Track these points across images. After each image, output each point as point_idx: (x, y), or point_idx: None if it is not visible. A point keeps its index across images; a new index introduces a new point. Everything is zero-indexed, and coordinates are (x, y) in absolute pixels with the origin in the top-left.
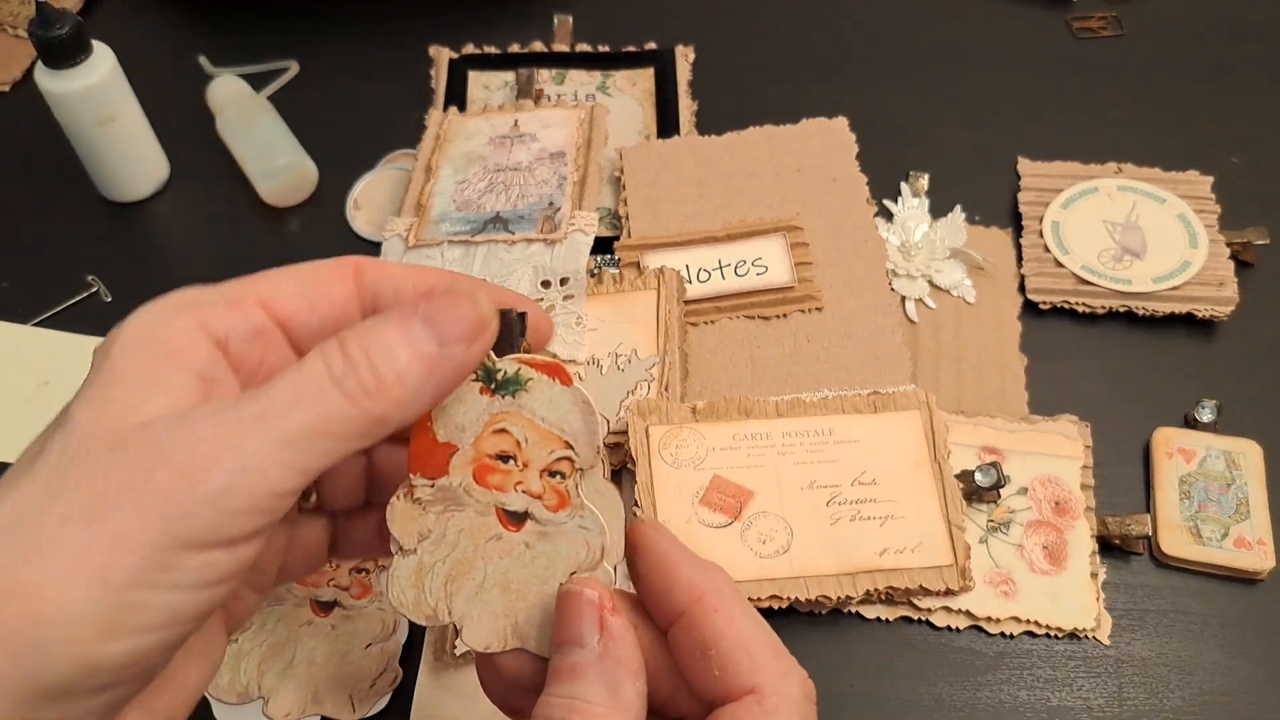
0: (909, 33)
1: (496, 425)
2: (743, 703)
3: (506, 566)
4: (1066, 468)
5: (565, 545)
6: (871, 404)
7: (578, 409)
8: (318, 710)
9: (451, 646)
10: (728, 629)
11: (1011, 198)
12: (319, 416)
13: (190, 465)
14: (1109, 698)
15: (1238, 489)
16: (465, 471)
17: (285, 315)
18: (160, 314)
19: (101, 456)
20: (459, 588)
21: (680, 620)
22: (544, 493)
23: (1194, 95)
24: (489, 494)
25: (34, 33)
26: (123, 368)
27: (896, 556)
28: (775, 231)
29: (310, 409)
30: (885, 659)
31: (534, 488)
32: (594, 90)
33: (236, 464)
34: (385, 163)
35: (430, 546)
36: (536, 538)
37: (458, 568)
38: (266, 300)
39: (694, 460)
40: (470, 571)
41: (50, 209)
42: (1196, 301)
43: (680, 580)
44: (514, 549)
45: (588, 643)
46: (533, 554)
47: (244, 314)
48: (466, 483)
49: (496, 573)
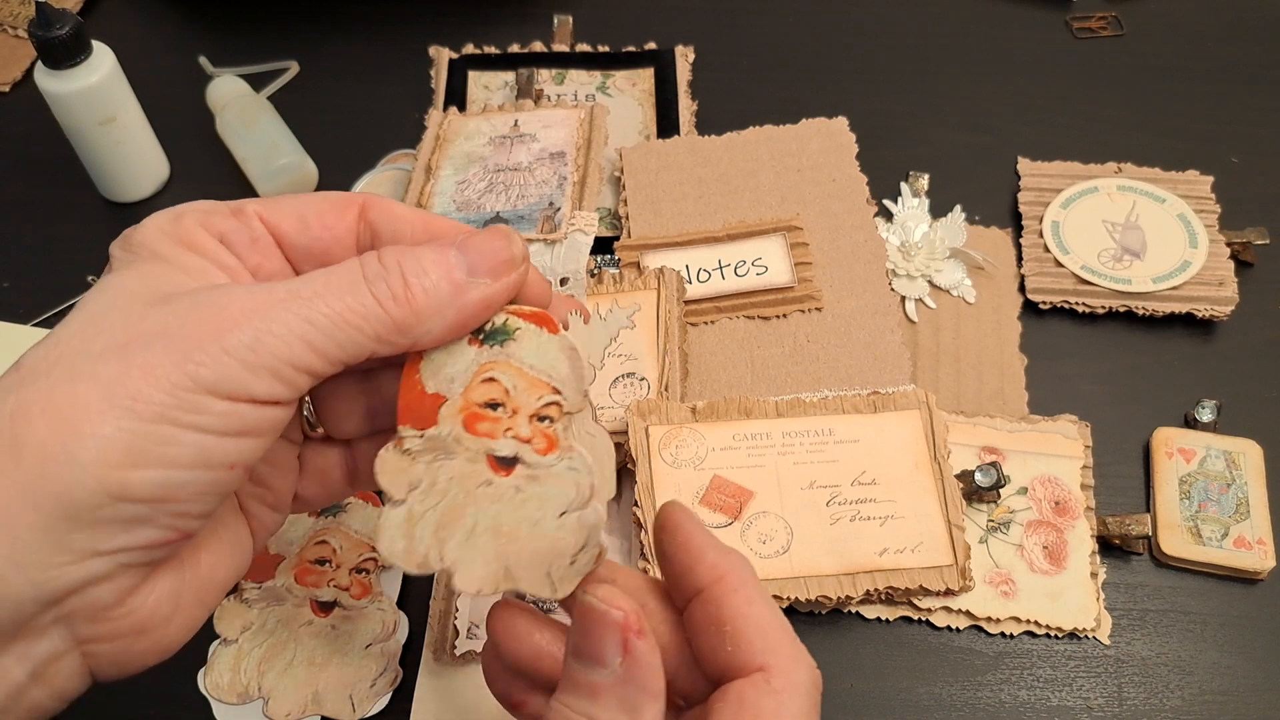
0: (909, 33)
1: (485, 375)
2: (751, 679)
3: (497, 511)
4: (1066, 467)
5: (555, 487)
6: (871, 404)
7: (565, 355)
8: (318, 710)
9: (451, 647)
10: (746, 609)
11: (1011, 198)
12: (346, 307)
13: (220, 319)
14: (1109, 697)
15: (1238, 489)
16: (455, 421)
17: (281, 232)
18: (171, 216)
19: (137, 309)
20: (450, 534)
21: (700, 596)
22: (533, 437)
23: (1194, 95)
24: (479, 441)
25: (34, 33)
26: (150, 253)
27: (896, 556)
28: (775, 231)
29: (339, 299)
30: (885, 659)
31: (523, 432)
32: (594, 90)
33: (264, 326)
34: (385, 163)
35: (420, 496)
36: (527, 481)
37: (448, 515)
38: (264, 215)
39: (694, 460)
40: (461, 518)
41: (51, 209)
42: (1196, 301)
43: (705, 559)
44: (504, 493)
45: (609, 663)
46: (523, 497)
47: (244, 222)
48: (456, 431)
49: (487, 518)
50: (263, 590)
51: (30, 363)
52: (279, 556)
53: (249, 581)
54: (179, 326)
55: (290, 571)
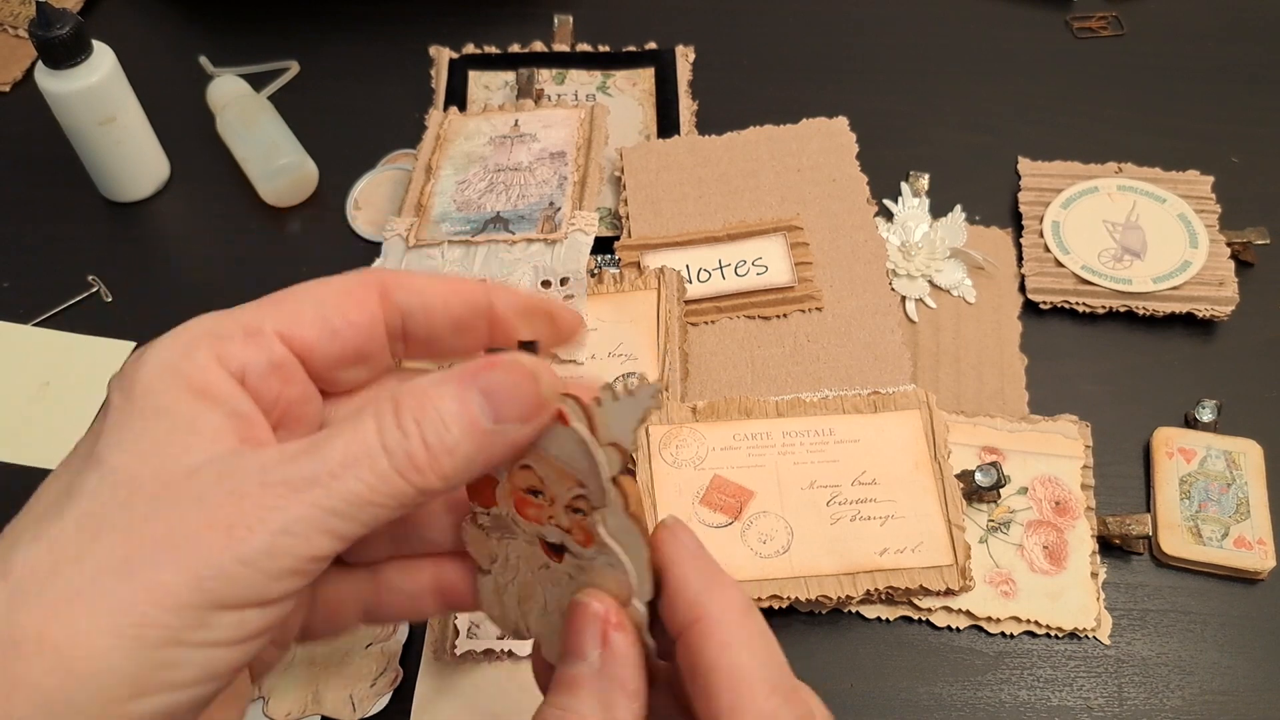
0: (909, 33)
1: (521, 461)
2: None
3: (558, 594)
4: (1066, 467)
5: (600, 580)
6: (872, 404)
7: (578, 448)
8: (318, 710)
9: (452, 646)
10: (719, 659)
11: (1012, 197)
12: (367, 487)
13: (233, 524)
14: (1109, 697)
15: (1238, 489)
16: (508, 503)
17: (304, 346)
18: (180, 349)
19: (140, 507)
20: (529, 608)
21: (680, 638)
22: (571, 528)
23: (1194, 95)
24: (530, 525)
25: (34, 33)
26: (153, 407)
27: (897, 556)
28: (775, 231)
29: (360, 479)
30: (885, 659)
31: (563, 522)
32: (594, 90)
33: (280, 527)
34: (385, 163)
35: (499, 569)
36: (576, 570)
37: (524, 590)
38: (285, 331)
39: (694, 460)
40: (534, 594)
41: (51, 209)
42: (1197, 301)
43: (683, 598)
44: (561, 578)
45: (588, 656)
46: (575, 585)
47: (262, 346)
48: (511, 514)
49: (552, 598)
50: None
51: (22, 573)
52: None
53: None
54: (187, 536)
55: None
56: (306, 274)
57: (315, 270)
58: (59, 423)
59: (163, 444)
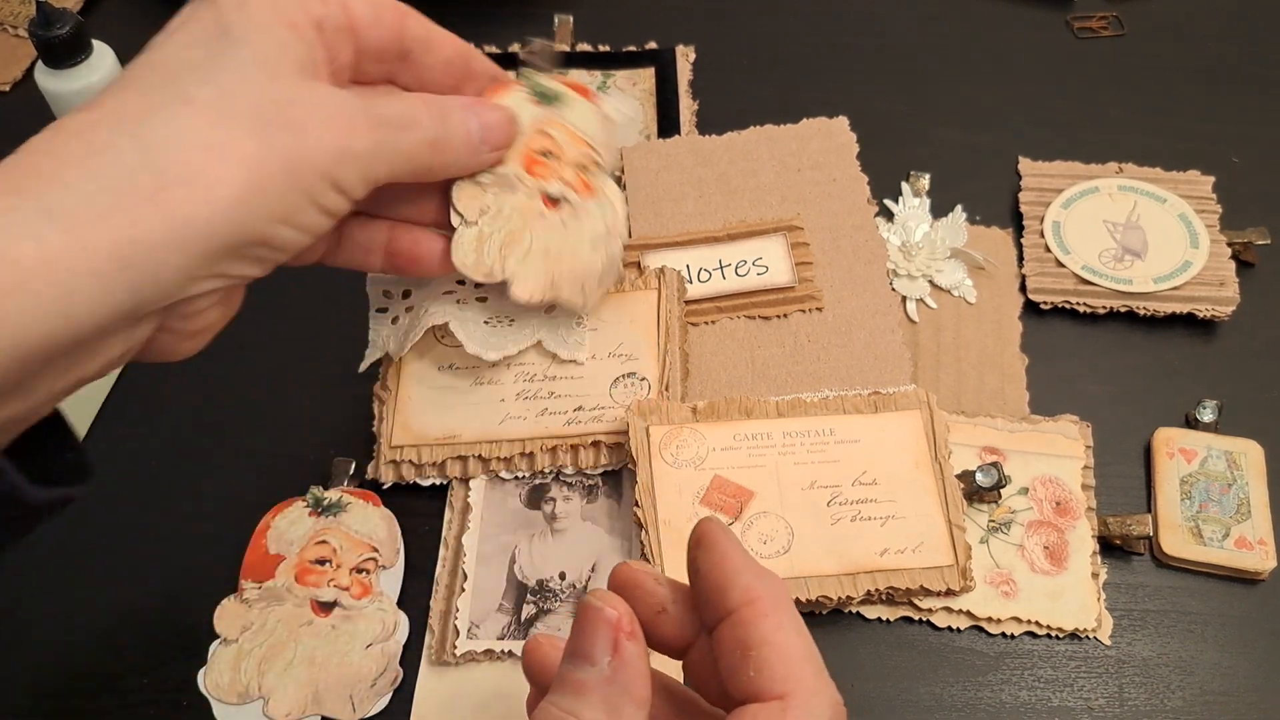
0: (909, 33)
1: (541, 129)
2: (767, 705)
3: (547, 237)
4: (1067, 468)
5: (589, 222)
6: (872, 404)
7: (600, 123)
8: (318, 710)
9: (452, 647)
10: (773, 635)
11: (1012, 198)
12: (414, 144)
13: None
14: (1110, 698)
15: (1239, 489)
16: (517, 162)
17: (356, 21)
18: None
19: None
20: (510, 253)
21: (730, 618)
22: (574, 182)
23: (1195, 95)
24: (535, 181)
25: (34, 32)
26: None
27: (897, 557)
28: (775, 231)
29: (411, 137)
30: (885, 659)
31: (568, 177)
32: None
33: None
34: None
35: (489, 220)
36: (569, 215)
37: (510, 237)
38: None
39: (694, 460)
40: (519, 240)
41: None
42: (1197, 301)
43: (738, 581)
44: (553, 225)
45: (598, 661)
46: (566, 228)
47: (334, 9)
48: (518, 171)
49: (539, 241)
50: (263, 590)
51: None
52: (279, 556)
53: (248, 581)
54: (320, 123)
55: (290, 571)
56: (306, 273)
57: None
58: None
59: (277, 56)
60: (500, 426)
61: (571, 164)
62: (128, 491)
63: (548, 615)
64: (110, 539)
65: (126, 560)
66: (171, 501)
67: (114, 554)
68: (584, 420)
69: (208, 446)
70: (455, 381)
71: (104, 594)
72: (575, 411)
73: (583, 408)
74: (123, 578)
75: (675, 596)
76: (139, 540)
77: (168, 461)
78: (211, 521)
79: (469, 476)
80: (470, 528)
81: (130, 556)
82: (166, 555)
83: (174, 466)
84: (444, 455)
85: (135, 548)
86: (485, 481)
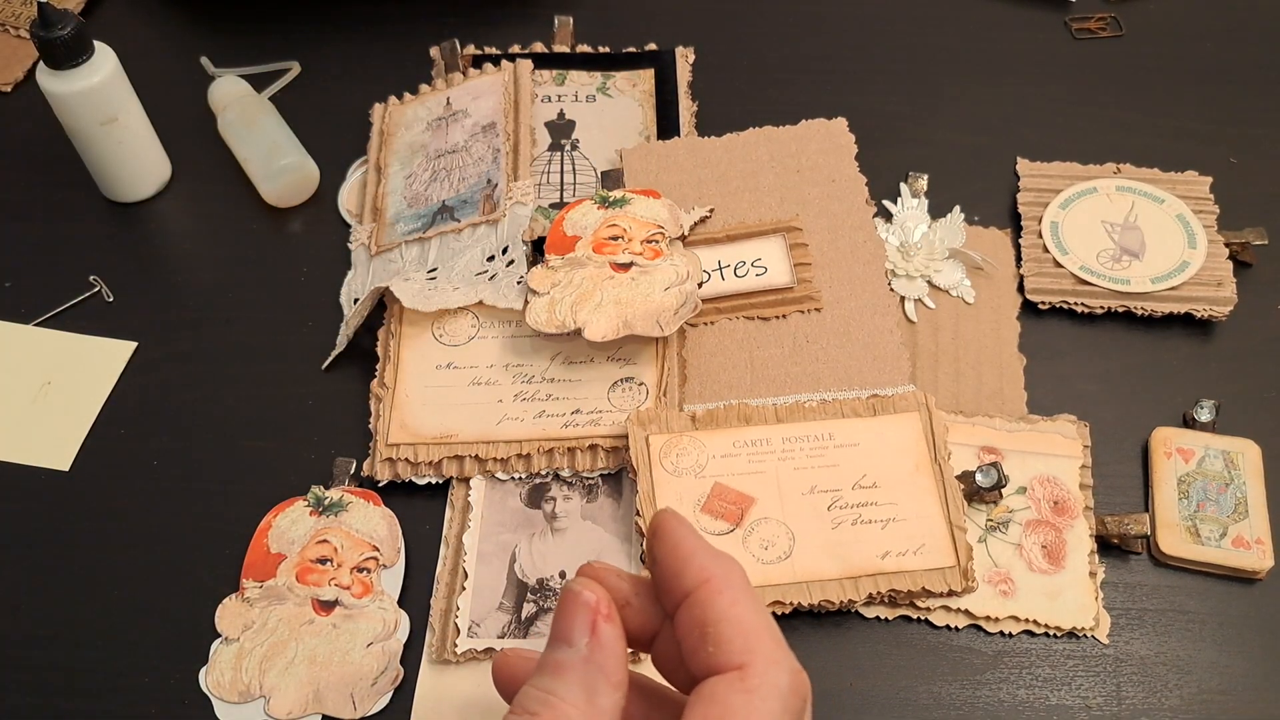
0: (908, 33)
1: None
2: (726, 676)
3: (618, 291)
4: (1065, 467)
5: (659, 274)
6: (871, 407)
7: (668, 209)
8: (319, 709)
9: (453, 646)
10: (729, 610)
11: (1010, 198)
12: None
13: None
14: (1107, 696)
15: (1236, 488)
16: (586, 248)
17: None
18: None
19: None
20: (582, 307)
21: (687, 600)
22: (642, 251)
23: (1193, 96)
24: (603, 256)
25: (36, 33)
26: None
27: (898, 559)
28: (775, 232)
29: None
30: (885, 658)
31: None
32: (594, 91)
33: None
34: (356, 166)
35: (560, 289)
36: (639, 274)
37: (581, 297)
38: None
39: (695, 468)
40: (591, 297)
41: (52, 210)
42: (1195, 301)
43: (693, 563)
44: (623, 281)
45: (576, 643)
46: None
47: None
48: (588, 252)
49: (610, 295)
50: (264, 589)
51: None
52: (280, 555)
53: (250, 580)
54: None
55: (292, 571)
56: (307, 274)
57: (316, 270)
58: (59, 423)
59: None
60: (498, 427)
61: (639, 239)
62: (128, 492)
63: (548, 614)
64: (111, 538)
65: (128, 560)
66: (172, 501)
67: (115, 553)
68: (581, 423)
69: (208, 446)
70: (453, 381)
71: (105, 593)
72: (573, 414)
73: (580, 410)
74: (124, 577)
75: (637, 589)
76: (140, 540)
77: (168, 461)
78: (212, 521)
79: (465, 476)
80: (471, 527)
81: (131, 556)
82: (167, 555)
83: (174, 466)
84: (441, 454)
85: (136, 547)
86: (485, 481)
